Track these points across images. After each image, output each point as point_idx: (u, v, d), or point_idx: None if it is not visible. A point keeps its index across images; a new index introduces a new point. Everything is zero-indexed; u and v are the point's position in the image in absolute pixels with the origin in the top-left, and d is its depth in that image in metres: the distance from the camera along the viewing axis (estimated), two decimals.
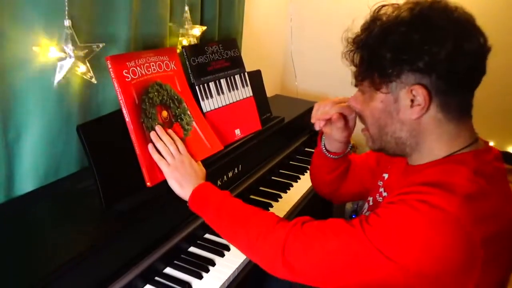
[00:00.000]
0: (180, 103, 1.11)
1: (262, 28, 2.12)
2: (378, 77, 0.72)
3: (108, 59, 0.95)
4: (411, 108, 0.71)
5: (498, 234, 0.64)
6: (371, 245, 0.65)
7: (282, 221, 0.78)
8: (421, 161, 0.76)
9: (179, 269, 1.00)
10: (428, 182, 0.67)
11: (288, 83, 2.46)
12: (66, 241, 0.85)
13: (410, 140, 0.75)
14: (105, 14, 1.08)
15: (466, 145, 0.73)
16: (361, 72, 0.76)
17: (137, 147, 0.96)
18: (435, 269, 0.63)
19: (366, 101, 0.78)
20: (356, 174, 1.07)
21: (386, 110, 0.74)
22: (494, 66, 1.53)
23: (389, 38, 0.69)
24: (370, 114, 0.78)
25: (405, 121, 0.73)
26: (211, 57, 1.27)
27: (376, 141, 0.80)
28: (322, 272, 0.70)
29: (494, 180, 0.69)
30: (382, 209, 0.68)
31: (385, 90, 0.73)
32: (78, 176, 1.06)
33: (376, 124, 0.77)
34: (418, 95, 0.69)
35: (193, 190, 0.90)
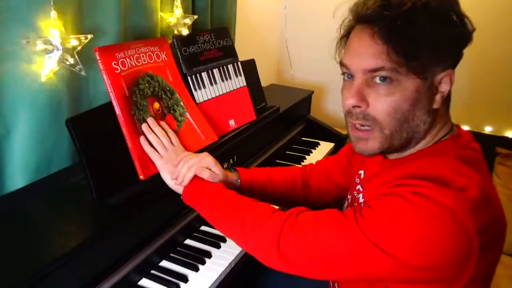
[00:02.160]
0: (172, 94, 1.09)
1: (256, 17, 2.09)
2: (427, 59, 0.64)
3: (96, 51, 0.93)
4: (435, 95, 0.68)
5: (490, 222, 0.64)
6: (365, 237, 0.64)
7: (278, 212, 0.77)
8: (402, 154, 0.75)
9: (175, 262, 0.99)
10: (420, 175, 0.65)
11: (284, 72, 2.44)
12: (59, 236, 0.84)
13: (423, 133, 0.71)
14: (92, 4, 1.05)
15: (447, 132, 0.73)
16: (398, 55, 0.64)
17: (128, 140, 0.94)
18: (431, 262, 0.62)
19: (386, 93, 0.67)
20: (328, 178, 1.05)
21: (418, 99, 0.67)
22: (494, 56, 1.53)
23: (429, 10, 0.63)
24: (395, 107, 0.67)
25: (430, 111, 0.69)
26: (203, 47, 1.25)
27: (390, 140, 0.70)
28: (317, 264, 0.69)
29: (475, 162, 0.69)
30: (375, 201, 0.67)
31: (422, 75, 0.65)
32: (70, 171, 1.05)
33: (400, 119, 0.68)
34: (446, 82, 0.66)
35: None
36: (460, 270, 0.63)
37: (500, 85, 1.96)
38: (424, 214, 0.62)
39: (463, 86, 1.89)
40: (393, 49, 0.65)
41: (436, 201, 0.61)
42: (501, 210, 0.70)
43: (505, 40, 1.87)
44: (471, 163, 0.67)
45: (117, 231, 0.89)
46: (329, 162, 1.08)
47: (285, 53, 2.37)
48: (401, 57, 0.64)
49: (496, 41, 1.86)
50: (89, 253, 0.82)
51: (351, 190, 0.90)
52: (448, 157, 0.68)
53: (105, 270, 0.86)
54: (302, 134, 1.82)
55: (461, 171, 0.65)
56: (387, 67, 0.66)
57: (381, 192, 0.69)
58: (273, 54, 2.40)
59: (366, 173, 0.86)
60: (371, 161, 0.85)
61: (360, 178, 0.87)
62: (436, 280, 0.64)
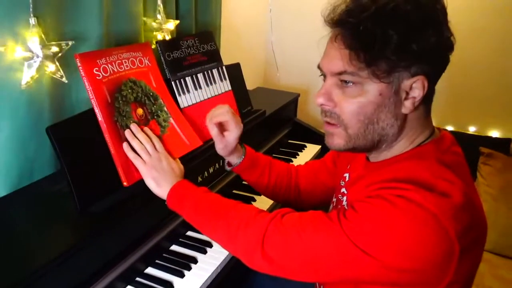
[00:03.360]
0: (156, 99, 1.09)
1: (242, 21, 2.09)
2: (385, 64, 0.65)
3: (77, 57, 0.93)
4: (405, 100, 0.68)
5: (471, 225, 0.65)
6: (348, 239, 0.64)
7: (262, 213, 0.77)
8: (383, 157, 0.75)
9: (161, 269, 0.99)
10: (404, 179, 0.66)
11: (270, 75, 2.45)
12: (42, 245, 0.83)
13: (394, 136, 0.72)
14: (73, 10, 1.05)
15: (428, 137, 0.73)
16: (361, 58, 0.65)
17: (111, 146, 0.94)
18: (413, 264, 0.62)
19: (351, 95, 0.69)
20: (316, 180, 1.05)
21: (383, 103, 0.68)
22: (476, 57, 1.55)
23: (395, 18, 0.63)
24: (358, 109, 0.69)
25: (398, 115, 0.69)
26: (187, 52, 1.24)
27: (354, 140, 0.72)
28: (300, 265, 0.69)
29: (456, 167, 0.70)
30: (359, 203, 0.68)
31: (387, 79, 0.66)
32: (53, 178, 1.04)
33: (364, 121, 0.70)
34: (417, 87, 0.66)
35: (171, 188, 0.88)
36: (442, 272, 0.64)
37: (483, 85, 1.99)
38: (407, 216, 0.62)
39: (447, 87, 1.91)
40: (355, 54, 0.66)
41: (419, 204, 0.62)
42: (482, 213, 0.71)
43: (487, 40, 1.90)
44: (453, 167, 0.68)
45: (101, 239, 0.88)
46: (316, 163, 1.08)
47: (271, 56, 2.38)
48: (362, 62, 0.66)
49: (478, 41, 1.89)
50: (72, 262, 0.82)
51: (336, 193, 0.91)
52: (429, 161, 0.69)
53: (89, 278, 0.85)
54: (289, 136, 1.83)
55: (443, 176, 0.66)
56: (349, 71, 0.68)
57: (365, 194, 0.69)
58: (259, 58, 2.40)
59: (351, 176, 0.86)
60: (356, 164, 0.85)
61: (345, 181, 0.88)
62: (418, 282, 0.65)
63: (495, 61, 1.93)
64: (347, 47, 0.67)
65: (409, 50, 0.64)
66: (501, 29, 1.87)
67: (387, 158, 0.75)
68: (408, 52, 0.64)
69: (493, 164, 1.79)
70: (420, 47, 0.64)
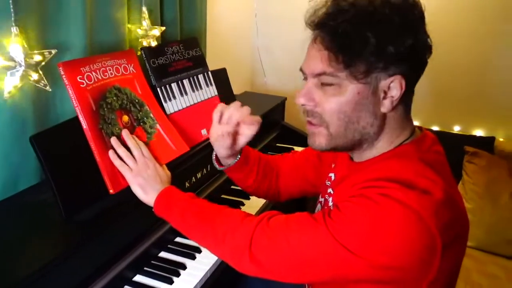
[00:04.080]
0: (141, 106, 1.09)
1: (227, 26, 2.10)
2: (362, 66, 0.67)
3: (60, 66, 0.92)
4: (383, 100, 0.70)
5: (452, 222, 0.66)
6: (334, 239, 0.65)
7: (249, 217, 0.77)
8: (366, 157, 0.77)
9: (149, 276, 0.98)
10: (387, 177, 0.67)
11: (257, 80, 2.46)
12: (27, 255, 0.82)
13: (375, 135, 0.73)
14: (56, 18, 1.04)
15: (409, 136, 0.75)
16: (338, 60, 0.67)
17: (97, 154, 0.93)
18: (398, 261, 0.64)
19: (331, 94, 0.70)
20: (297, 171, 1.03)
21: (361, 103, 0.69)
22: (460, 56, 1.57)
23: (372, 21, 0.65)
24: (338, 109, 0.70)
25: (377, 115, 0.71)
26: (172, 58, 1.25)
27: (336, 138, 0.73)
28: (288, 267, 0.70)
29: (438, 165, 0.71)
30: (344, 203, 0.69)
31: (364, 80, 0.68)
32: (38, 188, 1.03)
33: (344, 119, 0.71)
34: (395, 86, 0.68)
35: (157, 195, 0.88)
36: (425, 269, 0.65)
37: (467, 86, 2.02)
38: (390, 214, 0.63)
39: (432, 88, 1.95)
40: (333, 55, 0.68)
41: (402, 202, 0.63)
42: (463, 211, 0.72)
43: (470, 41, 1.94)
44: (434, 166, 0.70)
45: (87, 247, 0.88)
46: (299, 157, 1.05)
47: (257, 61, 2.39)
48: (340, 63, 0.67)
49: (461, 42, 1.93)
50: (58, 271, 0.81)
51: (323, 193, 0.92)
52: (412, 160, 0.70)
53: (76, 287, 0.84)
54: (277, 140, 1.84)
55: (425, 174, 0.68)
56: (328, 72, 0.69)
57: (350, 194, 0.70)
58: (246, 63, 2.41)
59: (336, 176, 0.87)
60: (340, 164, 0.86)
61: (331, 181, 0.89)
62: (403, 279, 0.66)
63: (477, 62, 1.97)
64: (326, 48, 0.68)
65: (386, 52, 0.66)
66: (483, 31, 1.91)
67: (370, 158, 0.76)
68: (385, 54, 0.66)
69: (477, 162, 1.82)
70: (397, 49, 0.66)
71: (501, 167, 1.78)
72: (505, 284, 1.56)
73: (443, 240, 0.63)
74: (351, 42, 0.66)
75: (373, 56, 0.66)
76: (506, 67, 1.92)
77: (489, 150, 1.89)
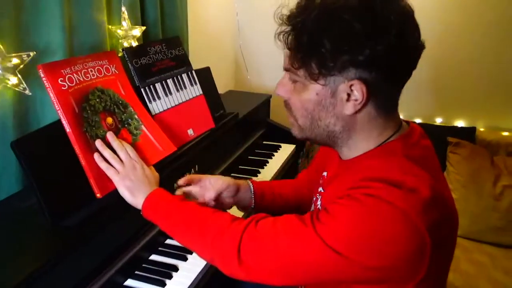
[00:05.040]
0: (125, 107, 1.07)
1: (209, 25, 2.08)
2: (316, 68, 0.67)
3: (40, 68, 0.89)
4: (346, 102, 0.69)
5: (442, 220, 0.66)
6: (322, 242, 0.65)
7: (237, 220, 0.76)
8: (351, 155, 0.76)
9: (141, 280, 0.96)
10: (373, 177, 0.67)
11: (241, 78, 2.45)
12: (13, 264, 0.79)
13: (343, 134, 0.73)
14: (33, 20, 1.01)
15: (393, 133, 0.74)
16: (297, 58, 0.68)
17: (81, 158, 0.91)
18: (387, 262, 0.63)
19: (297, 90, 0.72)
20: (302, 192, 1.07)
21: (321, 103, 0.70)
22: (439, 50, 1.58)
23: (331, 25, 0.64)
24: (301, 105, 0.73)
25: (340, 115, 0.71)
26: (155, 57, 1.23)
27: (306, 131, 0.76)
28: (276, 271, 0.69)
29: (425, 161, 0.71)
30: (332, 205, 0.68)
31: (322, 81, 0.68)
32: (21, 195, 1.00)
33: (308, 116, 0.73)
34: (356, 90, 0.67)
35: (146, 198, 0.86)
36: (415, 268, 0.65)
37: (447, 78, 2.07)
38: (377, 215, 0.63)
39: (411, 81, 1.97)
40: (294, 54, 0.69)
41: (388, 202, 0.63)
42: (453, 207, 0.72)
43: (445, 33, 1.97)
44: (421, 162, 0.69)
45: (76, 253, 0.86)
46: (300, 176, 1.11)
47: (240, 59, 2.38)
48: (298, 62, 0.69)
49: (438, 35, 1.96)
50: (45, 280, 0.79)
51: (315, 192, 0.92)
52: (397, 157, 0.70)
53: None
54: (263, 138, 1.83)
55: (411, 171, 0.67)
56: (290, 69, 0.72)
57: (338, 194, 0.70)
58: (229, 61, 2.40)
59: (328, 174, 0.87)
60: (331, 163, 0.86)
61: (324, 179, 0.88)
62: (392, 279, 0.66)
63: (456, 55, 2.01)
64: (289, 46, 0.70)
65: (342, 58, 0.65)
66: (458, 22, 1.94)
67: (355, 156, 0.76)
68: (340, 59, 0.65)
69: (460, 152, 1.85)
70: (353, 57, 0.64)
71: (483, 156, 1.82)
72: (491, 270, 1.60)
73: (432, 239, 0.63)
74: (307, 42, 0.66)
75: (328, 60, 0.65)
76: (484, 59, 1.97)
77: (471, 140, 1.93)
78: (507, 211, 1.71)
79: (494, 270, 1.59)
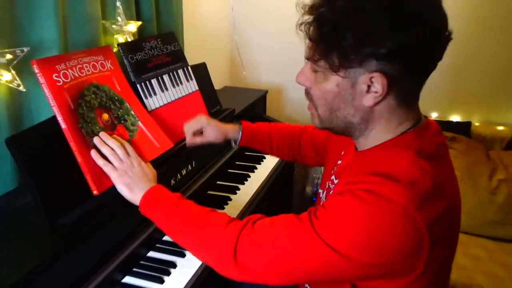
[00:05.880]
0: (121, 103, 1.05)
1: (204, 20, 2.07)
2: (337, 60, 0.65)
3: (34, 63, 0.88)
4: (366, 94, 0.67)
5: (442, 217, 0.65)
6: (320, 240, 0.64)
7: (233, 221, 0.75)
8: (367, 146, 0.75)
9: (139, 277, 0.96)
10: (373, 172, 0.66)
11: (237, 74, 2.44)
12: (10, 263, 0.78)
13: (361, 125, 0.72)
14: (27, 15, 1.00)
15: (411, 126, 0.72)
16: (318, 50, 0.67)
17: (78, 155, 0.90)
18: (385, 258, 0.63)
19: (318, 81, 0.72)
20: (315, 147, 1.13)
21: (340, 94, 0.69)
22: None
23: (354, 17, 0.62)
24: (322, 95, 0.72)
25: (359, 107, 0.70)
26: (150, 53, 1.22)
27: (325, 121, 0.75)
28: (275, 271, 0.69)
29: (437, 158, 0.70)
30: (330, 202, 0.68)
31: (342, 74, 0.67)
32: (17, 193, 0.99)
33: (327, 106, 0.72)
34: (376, 83, 0.65)
35: (144, 194, 0.86)
36: (412, 263, 0.64)
37: (442, 72, 2.06)
38: (375, 211, 0.62)
39: None
40: (315, 46, 0.68)
41: (387, 198, 0.62)
42: (457, 202, 0.71)
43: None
44: (431, 158, 0.68)
45: (73, 251, 0.85)
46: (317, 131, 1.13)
47: (236, 55, 2.37)
48: (319, 53, 0.68)
49: None
50: (43, 278, 0.78)
51: (325, 179, 0.91)
52: (407, 151, 0.69)
53: None
54: None
55: (417, 164, 0.66)
56: (311, 58, 0.70)
57: (338, 190, 0.69)
58: (225, 57, 2.39)
59: (342, 164, 0.86)
60: (348, 153, 0.85)
61: (338, 168, 0.86)
62: (390, 274, 0.66)
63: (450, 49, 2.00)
64: (311, 37, 0.68)
65: (364, 51, 0.63)
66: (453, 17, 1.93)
67: (369, 147, 0.75)
68: (362, 52, 0.64)
69: (456, 147, 1.86)
70: (376, 50, 0.63)
71: (479, 151, 1.83)
72: (488, 264, 1.60)
73: (430, 234, 0.63)
74: (329, 34, 0.65)
75: (349, 53, 0.64)
76: (480, 54, 1.97)
77: (466, 134, 1.94)
78: (503, 205, 1.72)
79: (490, 264, 1.60)
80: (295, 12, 0.71)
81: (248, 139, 1.17)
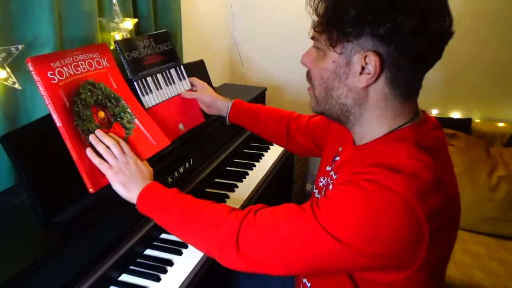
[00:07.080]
0: (118, 101, 1.05)
1: (203, 18, 2.06)
2: (336, 34, 0.68)
3: (29, 61, 0.87)
4: (359, 75, 0.69)
5: (442, 209, 0.65)
6: (322, 229, 0.64)
7: (235, 211, 0.76)
8: (364, 138, 0.75)
9: (135, 275, 0.96)
10: (374, 163, 0.67)
11: (236, 71, 2.43)
12: (5, 260, 0.78)
13: (355, 109, 0.73)
14: (21, 13, 0.99)
15: (408, 121, 0.72)
16: (321, 23, 0.70)
17: (73, 153, 0.89)
18: (386, 248, 0.63)
19: (319, 59, 0.74)
20: (308, 134, 1.13)
21: (335, 71, 0.71)
22: None
23: None
24: (319, 73, 0.74)
25: (352, 87, 0.71)
26: (145, 52, 1.21)
27: (321, 103, 0.77)
28: (277, 260, 0.69)
29: (435, 151, 0.69)
30: (332, 192, 0.68)
31: (339, 49, 0.69)
32: (12, 192, 0.98)
33: (323, 85, 0.74)
34: (370, 63, 0.67)
35: (140, 192, 0.86)
36: (412, 255, 0.64)
37: (442, 69, 2.05)
38: (377, 201, 0.63)
39: None
40: (320, 19, 0.71)
41: (389, 188, 0.62)
42: (456, 195, 0.71)
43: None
44: (430, 151, 0.68)
45: (68, 249, 0.85)
46: (313, 119, 1.13)
47: (235, 52, 2.36)
48: (321, 26, 0.71)
49: None
50: (38, 276, 0.78)
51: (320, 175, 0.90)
52: (407, 144, 0.69)
53: None
54: None
55: (417, 157, 0.66)
56: (315, 36, 0.74)
57: (340, 181, 0.69)
58: (224, 54, 2.38)
59: (340, 159, 0.86)
60: (346, 149, 0.85)
61: (336, 164, 0.86)
62: (390, 266, 0.66)
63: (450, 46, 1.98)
64: (316, 12, 0.72)
65: (363, 29, 0.66)
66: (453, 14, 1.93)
67: (367, 141, 0.75)
68: (362, 29, 0.66)
69: (456, 143, 1.85)
70: (375, 28, 0.65)
71: (479, 148, 1.82)
72: (486, 260, 1.60)
73: (430, 226, 0.63)
74: (332, 8, 0.68)
75: (349, 28, 0.66)
76: (480, 50, 1.96)
77: (467, 131, 1.93)
78: (503, 202, 1.71)
79: (489, 261, 1.60)
80: (294, 8, 0.72)
81: (237, 114, 1.21)
